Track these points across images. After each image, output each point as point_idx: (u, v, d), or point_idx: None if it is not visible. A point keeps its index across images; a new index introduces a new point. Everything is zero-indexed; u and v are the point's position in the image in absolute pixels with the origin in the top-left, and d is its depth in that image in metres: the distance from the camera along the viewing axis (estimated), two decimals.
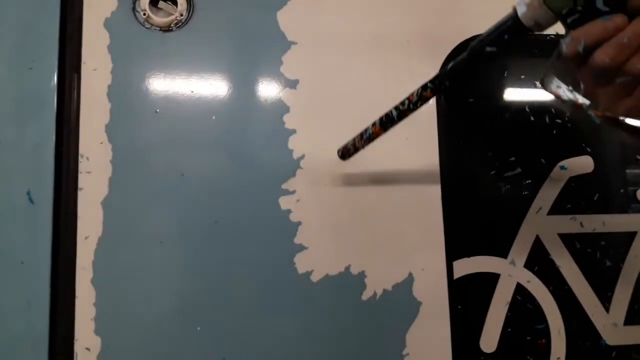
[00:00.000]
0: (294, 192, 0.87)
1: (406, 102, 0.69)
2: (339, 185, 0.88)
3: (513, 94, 0.96)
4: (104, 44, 0.86)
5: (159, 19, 0.87)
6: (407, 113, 0.70)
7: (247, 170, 0.86)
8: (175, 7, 0.87)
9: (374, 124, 0.75)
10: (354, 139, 0.80)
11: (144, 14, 0.86)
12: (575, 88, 0.56)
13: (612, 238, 0.94)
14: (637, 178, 0.96)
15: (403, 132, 0.84)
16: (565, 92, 0.57)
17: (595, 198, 0.94)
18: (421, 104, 0.68)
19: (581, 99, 0.56)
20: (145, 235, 0.84)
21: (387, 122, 0.73)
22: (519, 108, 0.95)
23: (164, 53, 0.87)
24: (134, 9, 0.87)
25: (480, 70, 0.63)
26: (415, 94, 0.68)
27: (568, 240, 0.93)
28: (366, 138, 0.77)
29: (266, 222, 0.86)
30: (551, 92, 0.58)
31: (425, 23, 0.94)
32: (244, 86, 0.88)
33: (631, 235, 0.95)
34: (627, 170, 0.97)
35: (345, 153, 0.83)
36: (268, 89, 0.89)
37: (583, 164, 0.94)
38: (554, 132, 0.95)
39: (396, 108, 0.71)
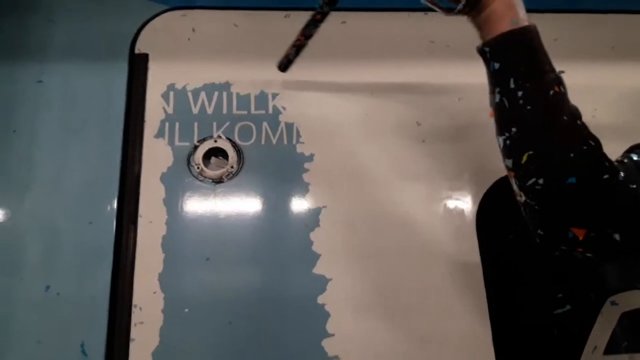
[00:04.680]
0: (334, 334, 0.87)
1: (317, 8, 0.85)
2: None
3: None
4: (159, 197, 0.91)
5: (211, 172, 0.93)
6: (318, 17, 0.86)
7: (291, 319, 0.87)
8: (226, 160, 0.94)
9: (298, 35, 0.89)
10: (286, 52, 0.92)
11: (198, 168, 0.93)
12: None
13: None
14: None
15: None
16: None
17: None
18: (327, 8, 0.85)
19: None
20: None
21: (306, 28, 0.88)
22: None
23: (215, 203, 0.92)
24: (188, 163, 0.93)
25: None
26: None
27: None
28: (292, 46, 0.90)
29: None
30: None
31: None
32: (287, 233, 0.92)
33: None
34: None
35: (280, 65, 0.93)
36: (311, 237, 0.92)
37: (634, 298, 0.92)
38: (601, 265, 0.94)
39: (312, 15, 0.86)
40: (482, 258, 0.91)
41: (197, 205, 0.92)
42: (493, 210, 0.95)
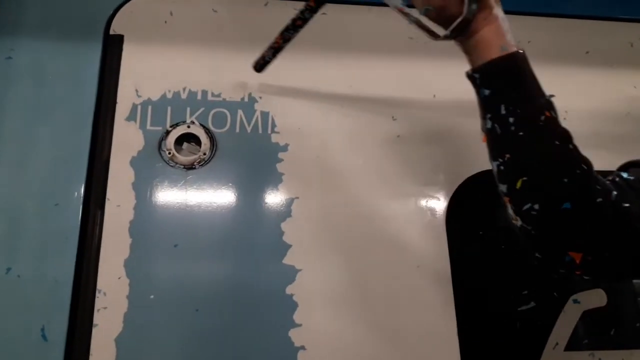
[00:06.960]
0: (301, 325, 0.87)
1: (298, 13, 0.83)
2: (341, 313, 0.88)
3: None
4: (128, 181, 0.90)
5: (183, 158, 0.92)
6: (299, 22, 0.83)
7: (259, 308, 0.87)
8: (198, 147, 0.93)
9: (276, 37, 0.87)
10: (263, 53, 0.90)
11: (169, 153, 0.91)
12: None
13: None
14: None
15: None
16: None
17: (612, 333, 0.93)
18: (309, 14, 0.83)
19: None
20: None
21: (284, 32, 0.85)
22: None
23: (185, 189, 0.91)
24: (159, 148, 0.92)
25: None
26: (304, 6, 0.82)
27: None
28: (269, 47, 0.89)
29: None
30: None
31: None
32: (258, 222, 0.91)
33: None
34: None
35: (256, 65, 0.92)
36: (282, 227, 0.91)
37: (596, 297, 0.95)
38: None
39: (292, 19, 0.84)
40: (450, 253, 0.92)
41: (166, 191, 0.90)
42: (463, 206, 0.96)
